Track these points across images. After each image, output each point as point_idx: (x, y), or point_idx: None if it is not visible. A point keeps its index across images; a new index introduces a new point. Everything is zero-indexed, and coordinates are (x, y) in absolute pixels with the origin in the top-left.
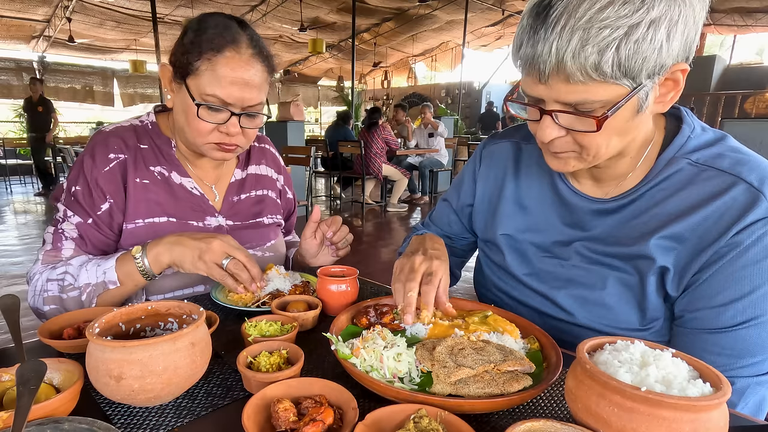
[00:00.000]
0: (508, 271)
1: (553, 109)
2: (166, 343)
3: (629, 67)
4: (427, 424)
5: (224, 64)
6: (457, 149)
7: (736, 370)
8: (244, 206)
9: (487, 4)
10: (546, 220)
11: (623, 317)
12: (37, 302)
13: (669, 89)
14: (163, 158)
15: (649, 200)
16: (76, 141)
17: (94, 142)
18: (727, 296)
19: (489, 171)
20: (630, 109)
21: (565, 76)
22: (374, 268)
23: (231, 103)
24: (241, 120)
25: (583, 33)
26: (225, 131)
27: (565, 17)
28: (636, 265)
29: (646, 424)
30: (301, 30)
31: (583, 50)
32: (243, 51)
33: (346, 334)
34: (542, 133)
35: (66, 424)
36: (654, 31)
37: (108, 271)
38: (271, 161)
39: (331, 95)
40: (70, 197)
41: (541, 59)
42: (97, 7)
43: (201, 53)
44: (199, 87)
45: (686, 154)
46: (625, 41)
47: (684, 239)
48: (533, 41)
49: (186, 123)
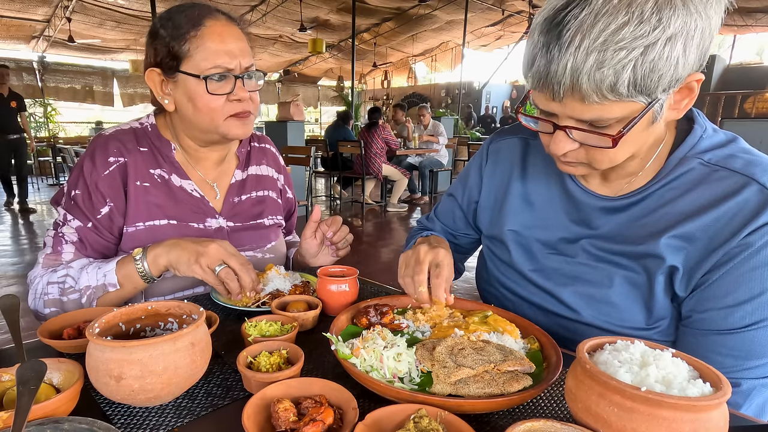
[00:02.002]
0: (514, 268)
1: (567, 125)
2: (166, 343)
3: (645, 86)
4: (427, 424)
5: (210, 34)
6: (457, 149)
7: (742, 371)
8: (245, 207)
9: (487, 4)
10: (553, 216)
11: (629, 316)
12: (37, 305)
13: (683, 96)
14: (163, 161)
15: (659, 199)
16: (76, 141)
17: (94, 145)
18: (736, 297)
19: (495, 167)
20: (644, 122)
21: (580, 96)
22: (374, 268)
23: (232, 68)
24: (245, 83)
25: (598, 54)
26: (236, 98)
27: (579, 37)
28: (644, 264)
29: (646, 424)
30: (301, 30)
31: (599, 72)
32: (219, 17)
33: (346, 334)
34: (555, 147)
35: (66, 424)
36: (671, 47)
37: (108, 273)
38: (272, 161)
39: (331, 95)
40: (70, 201)
41: (555, 79)
42: (97, 7)
43: (184, 35)
44: (197, 65)
45: (698, 154)
46: (641, 61)
47: (695, 239)
48: (546, 60)
49: (196, 109)
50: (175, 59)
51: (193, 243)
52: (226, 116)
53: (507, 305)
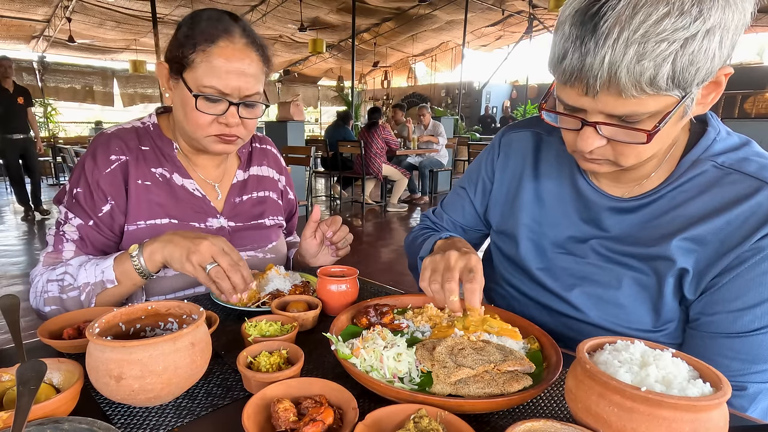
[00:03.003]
0: (521, 265)
1: (597, 121)
2: (166, 343)
3: (683, 78)
4: (427, 424)
5: (219, 54)
6: (457, 149)
7: (749, 375)
8: (246, 207)
9: (487, 4)
10: (563, 214)
11: (636, 318)
12: (38, 303)
13: (710, 90)
14: (164, 160)
15: (671, 201)
16: (76, 141)
17: (95, 143)
18: (746, 301)
19: (507, 160)
20: (676, 117)
21: (617, 91)
22: (374, 268)
23: (228, 93)
24: (240, 110)
25: (638, 47)
26: (224, 122)
27: (618, 29)
28: (654, 266)
29: (646, 424)
30: (301, 30)
31: (639, 65)
32: (237, 40)
33: (346, 334)
34: (583, 144)
35: (66, 424)
36: (709, 40)
37: (106, 270)
38: (273, 162)
39: (331, 95)
40: (72, 199)
41: (590, 73)
42: (97, 7)
43: (195, 45)
44: (196, 79)
45: (711, 157)
46: (681, 54)
47: (706, 242)
48: (580, 53)
49: (185, 117)
50: (181, 64)
51: (186, 239)
52: (210, 134)
53: (513, 304)
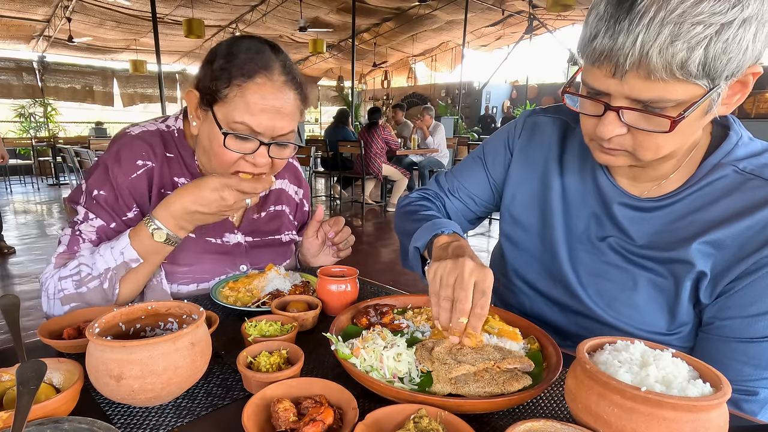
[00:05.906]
0: (535, 259)
1: (622, 106)
2: (166, 343)
3: (713, 67)
4: (427, 424)
5: (255, 91)
6: (457, 149)
7: (761, 380)
8: (262, 222)
9: (487, 4)
10: (584, 210)
11: (650, 320)
12: (53, 307)
13: (736, 91)
14: (186, 170)
15: (690, 204)
16: (76, 141)
17: (119, 144)
18: (761, 307)
19: (530, 141)
20: (700, 110)
21: (646, 72)
22: (374, 268)
23: (260, 132)
24: (271, 150)
25: (674, 27)
26: (252, 161)
27: (654, 8)
28: (672, 269)
29: (646, 424)
30: (301, 30)
31: (672, 46)
32: (275, 77)
33: (346, 334)
34: (603, 130)
35: (66, 424)
36: (744, 31)
37: (125, 250)
38: (293, 175)
39: (331, 95)
40: (92, 200)
41: (621, 52)
42: (97, 7)
43: (230, 80)
44: (227, 115)
45: (733, 162)
46: (715, 40)
47: (724, 246)
48: (613, 32)
49: (211, 150)
50: (213, 97)
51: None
52: (235, 171)
53: (522, 299)
